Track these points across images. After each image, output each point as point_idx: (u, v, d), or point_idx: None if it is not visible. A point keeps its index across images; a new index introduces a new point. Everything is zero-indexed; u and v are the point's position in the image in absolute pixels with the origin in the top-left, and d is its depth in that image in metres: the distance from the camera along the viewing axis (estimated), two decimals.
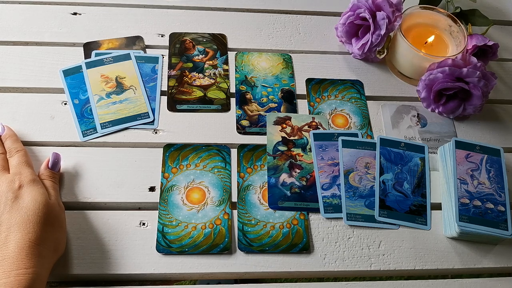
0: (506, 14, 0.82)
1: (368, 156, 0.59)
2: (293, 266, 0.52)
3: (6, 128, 0.54)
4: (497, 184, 0.56)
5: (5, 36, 0.66)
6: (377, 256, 0.54)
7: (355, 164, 0.59)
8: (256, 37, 0.71)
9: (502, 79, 0.72)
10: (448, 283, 0.53)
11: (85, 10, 0.70)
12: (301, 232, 0.54)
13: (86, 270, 0.49)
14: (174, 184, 0.55)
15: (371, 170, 0.58)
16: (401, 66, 0.68)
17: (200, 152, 0.58)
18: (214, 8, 0.74)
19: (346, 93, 0.66)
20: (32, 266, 0.42)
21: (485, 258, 0.54)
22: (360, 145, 0.60)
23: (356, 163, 0.59)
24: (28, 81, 0.62)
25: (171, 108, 0.62)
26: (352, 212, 0.55)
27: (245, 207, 0.55)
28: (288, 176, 0.58)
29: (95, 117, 0.59)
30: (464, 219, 0.53)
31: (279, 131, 0.61)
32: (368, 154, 0.59)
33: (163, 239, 0.51)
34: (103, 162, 0.56)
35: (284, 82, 0.66)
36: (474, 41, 0.66)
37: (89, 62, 0.64)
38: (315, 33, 0.73)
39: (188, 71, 0.66)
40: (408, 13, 0.67)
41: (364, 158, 0.59)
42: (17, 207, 0.45)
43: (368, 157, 0.59)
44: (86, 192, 0.54)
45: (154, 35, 0.69)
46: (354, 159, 0.59)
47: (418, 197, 0.57)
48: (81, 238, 0.51)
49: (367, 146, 0.60)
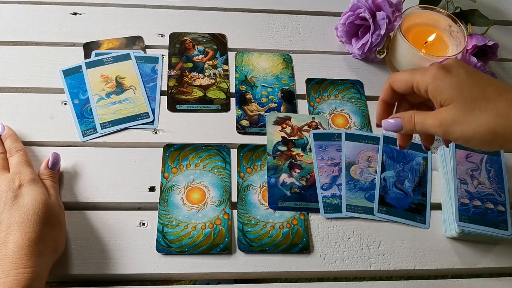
0: (506, 14, 0.82)
1: (370, 150, 0.60)
2: (293, 266, 0.52)
3: (6, 128, 0.54)
4: (497, 184, 0.56)
5: (5, 36, 0.66)
6: (377, 256, 0.53)
7: (357, 157, 0.59)
8: (256, 37, 0.71)
9: (502, 79, 0.72)
10: (448, 283, 0.53)
11: (85, 10, 0.70)
12: (301, 232, 0.54)
13: (86, 270, 0.49)
14: (174, 184, 0.55)
15: (372, 164, 0.58)
16: (401, 66, 0.68)
17: (200, 152, 0.58)
18: (214, 8, 0.74)
19: (346, 93, 0.66)
20: (31, 266, 0.42)
21: (485, 258, 0.54)
22: (363, 139, 0.60)
23: (358, 156, 0.59)
24: (28, 81, 0.62)
25: (171, 108, 0.62)
26: (352, 203, 0.56)
27: (245, 207, 0.55)
28: (288, 176, 0.58)
29: (95, 117, 0.59)
30: (464, 219, 0.53)
31: (279, 131, 0.61)
32: (371, 148, 0.60)
33: (163, 239, 0.51)
34: (103, 162, 0.56)
35: (284, 82, 0.66)
36: (474, 41, 0.66)
37: (89, 62, 0.64)
38: (315, 33, 0.73)
39: (188, 71, 0.66)
40: (408, 13, 0.67)
41: (366, 152, 0.59)
42: (17, 206, 0.45)
43: (370, 151, 0.59)
44: (86, 192, 0.54)
45: (154, 35, 0.69)
46: (356, 152, 0.59)
47: (419, 196, 0.57)
48: (81, 238, 0.51)
49: (370, 140, 0.60)
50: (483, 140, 0.40)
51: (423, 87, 0.44)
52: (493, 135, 0.39)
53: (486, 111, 0.40)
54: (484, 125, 0.40)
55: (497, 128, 0.39)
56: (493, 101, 0.40)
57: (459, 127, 0.41)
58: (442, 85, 0.42)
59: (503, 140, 0.40)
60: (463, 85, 0.42)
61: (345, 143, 0.60)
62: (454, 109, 0.41)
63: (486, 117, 0.40)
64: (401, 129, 0.46)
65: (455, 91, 0.42)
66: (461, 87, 0.42)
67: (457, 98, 0.41)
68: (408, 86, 0.46)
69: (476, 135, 0.40)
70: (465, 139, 0.41)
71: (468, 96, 0.41)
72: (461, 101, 0.41)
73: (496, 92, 0.41)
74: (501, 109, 0.39)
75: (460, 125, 0.41)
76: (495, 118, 0.39)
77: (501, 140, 0.40)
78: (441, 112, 0.42)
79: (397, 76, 0.47)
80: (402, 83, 0.46)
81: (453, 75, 0.43)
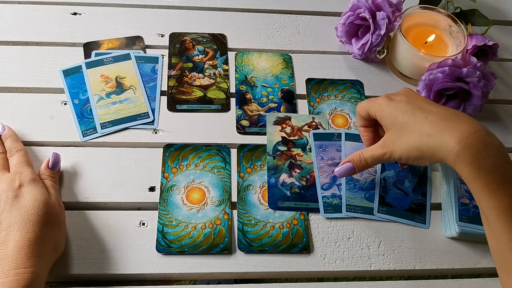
0: (506, 14, 0.82)
1: None
2: (293, 266, 0.52)
3: (6, 128, 0.54)
4: None
5: (5, 36, 0.66)
6: (377, 256, 0.53)
7: None
8: (256, 37, 0.71)
9: (502, 79, 0.72)
10: (448, 283, 0.53)
11: (85, 10, 0.70)
12: (301, 232, 0.54)
13: (86, 270, 0.49)
14: (174, 184, 0.55)
15: None
16: (401, 66, 0.68)
17: (200, 152, 0.58)
18: (214, 8, 0.74)
19: (346, 93, 0.66)
20: (31, 266, 0.42)
21: (485, 258, 0.54)
22: None
23: None
24: (28, 81, 0.62)
25: (171, 108, 0.62)
26: (352, 203, 0.56)
27: (245, 207, 0.55)
28: (288, 176, 0.58)
29: (95, 117, 0.59)
30: (464, 219, 0.53)
31: (279, 131, 0.61)
32: None
33: (163, 239, 0.51)
34: (103, 162, 0.56)
35: (284, 82, 0.66)
36: (474, 41, 0.66)
37: (89, 62, 0.64)
38: (315, 33, 0.73)
39: (188, 71, 0.66)
40: (408, 13, 0.67)
41: None
42: (17, 206, 0.45)
43: None
44: (86, 192, 0.54)
45: (154, 35, 0.69)
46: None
47: (419, 195, 0.57)
48: (81, 238, 0.51)
49: None
50: (414, 157, 0.47)
51: (373, 114, 0.52)
52: (420, 151, 0.46)
53: (412, 132, 0.47)
54: (412, 145, 0.47)
55: (421, 146, 0.46)
56: (419, 124, 0.46)
57: (397, 148, 0.48)
58: (384, 113, 0.50)
59: (428, 155, 0.46)
60: (398, 112, 0.49)
61: (345, 143, 0.60)
62: (392, 134, 0.49)
63: (412, 137, 0.47)
64: (354, 171, 0.52)
65: (392, 118, 0.49)
66: (396, 115, 0.49)
67: (394, 124, 0.49)
68: (367, 112, 0.53)
69: (409, 154, 0.47)
70: (403, 158, 0.48)
71: (401, 122, 0.48)
72: (397, 126, 0.48)
73: (423, 115, 0.47)
74: (424, 129, 0.46)
75: (397, 146, 0.48)
76: (419, 137, 0.46)
77: (427, 155, 0.46)
78: (384, 140, 0.50)
79: (360, 104, 0.54)
80: (363, 110, 0.53)
81: (394, 103, 0.50)
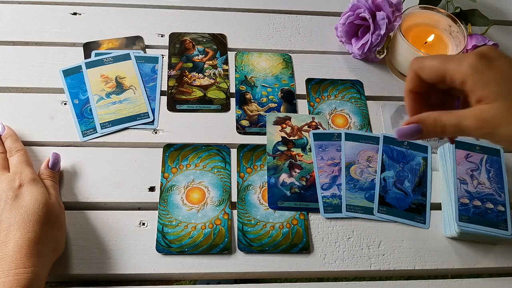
0: (506, 14, 0.82)
1: (370, 150, 0.60)
2: (293, 266, 0.52)
3: (6, 128, 0.54)
4: (497, 184, 0.56)
5: (5, 36, 0.66)
6: (377, 256, 0.53)
7: (357, 157, 0.59)
8: (256, 37, 0.71)
9: None
10: (448, 283, 0.53)
11: (85, 10, 0.70)
12: (301, 232, 0.54)
13: (86, 270, 0.49)
14: (174, 184, 0.55)
15: (372, 164, 0.58)
16: (401, 66, 0.68)
17: (200, 152, 0.58)
18: (214, 8, 0.74)
19: (346, 93, 0.66)
20: (31, 266, 0.42)
21: (485, 258, 0.54)
22: (363, 139, 0.60)
23: (358, 156, 0.59)
24: (28, 81, 0.62)
25: (171, 108, 0.62)
26: (352, 203, 0.56)
27: (245, 207, 0.55)
28: (288, 176, 0.58)
29: (95, 117, 0.59)
30: (464, 219, 0.53)
31: (279, 131, 0.61)
32: (371, 148, 0.60)
33: (163, 239, 0.51)
34: (103, 162, 0.56)
35: (284, 82, 0.66)
36: (474, 41, 0.66)
37: (89, 62, 0.64)
38: (315, 33, 0.73)
39: (188, 71, 0.66)
40: (408, 13, 0.67)
41: (366, 152, 0.59)
42: (17, 206, 0.45)
43: (370, 151, 0.59)
44: (86, 192, 0.54)
45: (154, 35, 0.69)
46: (356, 152, 0.59)
47: (418, 195, 0.57)
48: (81, 238, 0.51)
49: (370, 140, 0.60)
50: None
51: (459, 79, 0.39)
52: None
53: None
54: None
55: None
56: None
57: (507, 128, 0.36)
58: (486, 79, 0.37)
59: None
60: (508, 80, 0.37)
61: (345, 143, 0.60)
62: (500, 107, 0.37)
63: None
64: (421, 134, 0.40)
65: (501, 87, 0.37)
66: (507, 83, 0.37)
67: (504, 95, 0.37)
68: (439, 75, 0.40)
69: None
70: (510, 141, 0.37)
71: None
72: (508, 99, 0.37)
73: None
74: None
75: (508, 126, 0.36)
76: None
77: None
78: (483, 112, 0.37)
79: (426, 62, 0.41)
80: (431, 71, 0.41)
81: (496, 67, 0.38)
